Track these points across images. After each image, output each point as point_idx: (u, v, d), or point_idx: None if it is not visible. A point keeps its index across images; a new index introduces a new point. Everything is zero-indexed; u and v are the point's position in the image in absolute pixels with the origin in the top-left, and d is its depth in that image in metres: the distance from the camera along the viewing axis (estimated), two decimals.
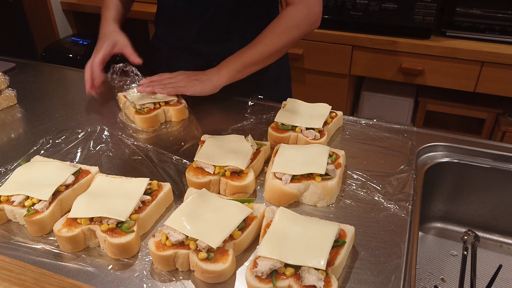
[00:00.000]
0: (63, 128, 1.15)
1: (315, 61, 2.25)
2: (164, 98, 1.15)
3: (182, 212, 0.77)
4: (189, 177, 0.90)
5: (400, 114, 2.35)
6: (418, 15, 1.98)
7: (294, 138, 1.04)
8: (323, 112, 1.09)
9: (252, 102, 1.23)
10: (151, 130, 1.13)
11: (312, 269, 0.67)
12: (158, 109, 1.14)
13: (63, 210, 0.85)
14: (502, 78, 1.96)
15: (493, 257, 1.09)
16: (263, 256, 0.69)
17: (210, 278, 0.71)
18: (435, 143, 1.08)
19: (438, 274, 1.04)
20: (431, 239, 1.15)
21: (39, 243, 0.79)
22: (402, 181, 0.94)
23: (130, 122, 1.16)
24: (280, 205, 0.86)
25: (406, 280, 0.72)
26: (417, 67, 2.05)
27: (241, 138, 0.98)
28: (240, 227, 0.76)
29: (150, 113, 1.12)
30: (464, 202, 1.12)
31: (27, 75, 1.46)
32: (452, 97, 2.21)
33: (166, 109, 1.16)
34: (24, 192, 0.83)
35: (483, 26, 1.99)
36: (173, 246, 0.72)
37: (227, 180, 0.88)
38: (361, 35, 2.10)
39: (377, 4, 2.03)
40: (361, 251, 0.78)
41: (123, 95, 1.20)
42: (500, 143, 1.08)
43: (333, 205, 0.88)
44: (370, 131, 1.12)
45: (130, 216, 0.78)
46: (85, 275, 0.73)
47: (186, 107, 1.18)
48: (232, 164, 0.89)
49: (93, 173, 0.91)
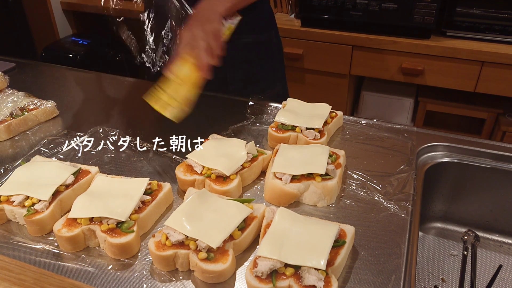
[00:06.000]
0: (63, 128, 1.15)
1: (315, 61, 2.25)
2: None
3: (182, 212, 0.77)
4: (177, 173, 0.91)
5: (400, 114, 2.35)
6: (418, 15, 1.98)
7: (294, 138, 1.04)
8: (323, 112, 1.09)
9: (252, 102, 1.23)
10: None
11: (312, 269, 0.67)
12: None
13: (63, 210, 0.85)
14: (502, 78, 1.96)
15: (493, 257, 1.09)
16: (263, 256, 0.69)
17: (210, 278, 0.71)
18: (435, 143, 1.08)
19: (438, 274, 1.04)
20: (431, 239, 1.15)
21: (39, 243, 0.79)
22: (402, 181, 0.94)
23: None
24: (280, 205, 0.86)
25: (406, 280, 0.72)
26: (417, 67, 2.05)
27: (241, 143, 0.97)
28: (240, 227, 0.76)
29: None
30: (464, 202, 1.12)
31: (27, 75, 1.46)
32: (452, 97, 2.21)
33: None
34: (24, 192, 0.83)
35: (483, 26, 1.99)
36: (173, 246, 0.73)
37: (211, 182, 0.88)
38: (361, 35, 2.10)
39: (377, 4, 2.03)
40: (361, 251, 0.78)
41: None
42: (500, 143, 1.08)
43: (333, 205, 0.88)
44: (370, 131, 1.12)
45: (130, 216, 0.78)
46: (85, 275, 0.73)
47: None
48: (219, 168, 0.89)
49: (93, 173, 0.91)
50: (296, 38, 2.20)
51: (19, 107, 1.15)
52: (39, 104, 1.19)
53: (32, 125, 1.16)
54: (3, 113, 1.13)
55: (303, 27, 2.21)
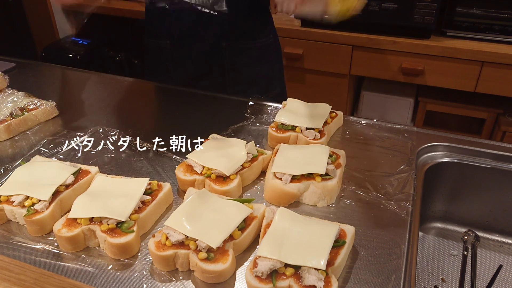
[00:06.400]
0: (63, 128, 1.15)
1: (315, 61, 2.25)
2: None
3: (182, 212, 0.77)
4: (177, 173, 0.91)
5: (400, 114, 2.35)
6: (418, 15, 1.98)
7: (294, 138, 1.04)
8: (323, 112, 1.09)
9: (252, 102, 1.23)
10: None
11: (312, 269, 0.67)
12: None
13: (63, 210, 0.85)
14: (502, 78, 1.95)
15: (493, 257, 1.09)
16: (263, 256, 0.69)
17: (210, 278, 0.71)
18: (435, 143, 1.08)
19: (438, 274, 1.04)
20: (431, 239, 1.15)
21: (39, 243, 0.79)
22: (402, 181, 0.94)
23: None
24: (280, 205, 0.86)
25: (406, 280, 0.72)
26: (417, 67, 2.05)
27: (241, 143, 0.97)
28: (240, 227, 0.76)
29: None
30: (464, 202, 1.12)
31: (27, 75, 1.46)
32: (452, 97, 2.21)
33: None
34: (24, 192, 0.83)
35: (483, 26, 1.99)
36: (173, 246, 0.72)
37: (211, 182, 0.88)
38: (361, 35, 2.10)
39: (377, 4, 2.03)
40: (361, 251, 0.78)
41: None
42: (500, 143, 1.08)
43: (333, 205, 0.88)
44: (370, 131, 1.12)
45: (130, 216, 0.78)
46: (85, 275, 0.73)
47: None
48: (219, 168, 0.89)
49: (93, 173, 0.91)
50: (296, 38, 2.20)
51: (19, 107, 1.15)
52: (39, 104, 1.19)
53: (32, 125, 1.16)
54: (3, 113, 1.13)
55: (303, 27, 2.21)
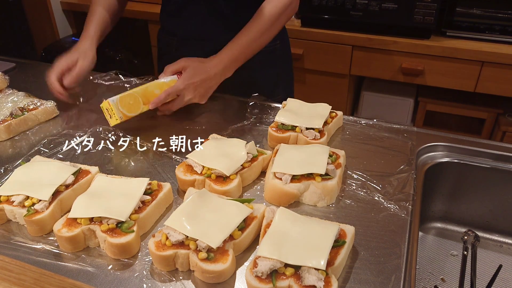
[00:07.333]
0: (63, 128, 1.15)
1: (315, 61, 2.25)
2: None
3: (182, 212, 0.77)
4: (177, 173, 0.91)
5: (400, 114, 2.35)
6: (418, 15, 1.98)
7: (294, 138, 1.04)
8: (323, 112, 1.09)
9: (252, 102, 1.23)
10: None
11: (312, 269, 0.67)
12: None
13: (63, 210, 0.85)
14: (502, 78, 1.96)
15: (493, 257, 1.09)
16: (263, 256, 0.69)
17: (210, 278, 0.71)
18: (435, 143, 1.08)
19: (438, 274, 1.04)
20: (431, 239, 1.15)
21: (39, 243, 0.79)
22: (402, 181, 0.94)
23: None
24: (280, 205, 0.86)
25: (406, 280, 0.72)
26: (417, 67, 2.05)
27: (241, 143, 0.97)
28: (240, 227, 0.76)
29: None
30: (464, 202, 1.12)
31: (27, 75, 1.46)
32: (452, 97, 2.21)
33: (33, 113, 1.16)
34: (24, 192, 0.83)
35: (483, 26, 1.99)
36: (173, 246, 0.72)
37: (211, 182, 0.88)
38: (361, 35, 2.10)
39: (377, 4, 2.03)
40: (361, 251, 0.78)
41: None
42: (500, 143, 1.08)
43: (333, 205, 0.88)
44: (370, 131, 1.12)
45: (130, 216, 0.78)
46: (85, 275, 0.73)
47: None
48: (219, 168, 0.89)
49: (93, 173, 0.91)
50: (296, 38, 2.20)
51: (19, 107, 1.15)
52: (39, 104, 1.19)
53: (32, 125, 1.16)
54: (3, 113, 1.13)
55: (303, 27, 2.21)
